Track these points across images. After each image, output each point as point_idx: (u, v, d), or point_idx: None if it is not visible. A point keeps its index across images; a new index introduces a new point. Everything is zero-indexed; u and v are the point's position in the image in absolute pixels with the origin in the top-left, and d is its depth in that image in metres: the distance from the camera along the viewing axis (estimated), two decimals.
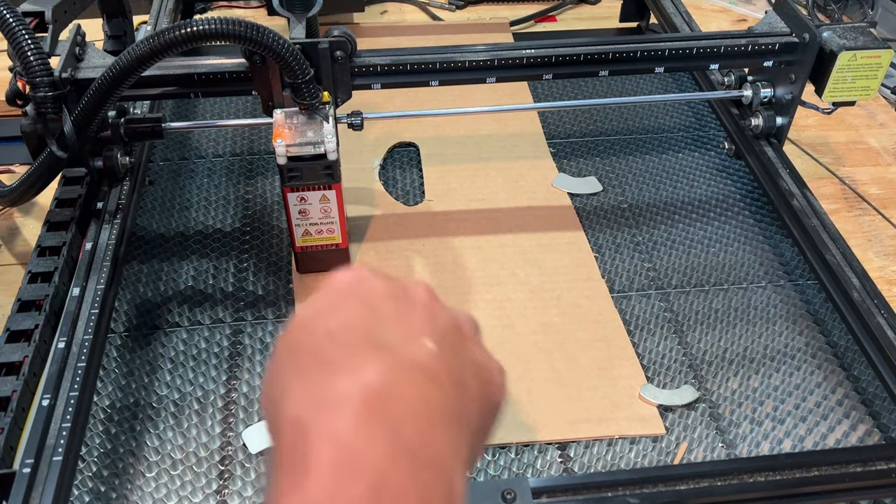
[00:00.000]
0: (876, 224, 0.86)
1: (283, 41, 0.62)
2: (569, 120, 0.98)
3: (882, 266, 0.80)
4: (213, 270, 0.76)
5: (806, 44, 0.76)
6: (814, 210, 0.74)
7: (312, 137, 0.65)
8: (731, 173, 0.89)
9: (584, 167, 0.90)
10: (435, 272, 0.76)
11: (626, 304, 0.74)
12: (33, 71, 0.64)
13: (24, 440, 0.53)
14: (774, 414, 0.64)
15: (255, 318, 0.72)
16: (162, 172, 0.88)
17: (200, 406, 0.64)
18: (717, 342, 0.70)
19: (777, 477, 0.51)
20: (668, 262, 0.78)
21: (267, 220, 0.82)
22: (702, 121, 0.97)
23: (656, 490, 0.51)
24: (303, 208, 0.70)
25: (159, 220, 0.81)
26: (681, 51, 0.75)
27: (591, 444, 0.62)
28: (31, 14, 0.71)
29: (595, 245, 0.80)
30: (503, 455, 0.61)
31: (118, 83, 0.63)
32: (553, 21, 1.21)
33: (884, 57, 0.75)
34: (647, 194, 0.86)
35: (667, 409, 0.65)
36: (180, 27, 0.59)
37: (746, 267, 0.78)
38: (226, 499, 0.58)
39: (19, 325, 0.60)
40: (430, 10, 1.21)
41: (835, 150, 0.96)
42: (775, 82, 0.81)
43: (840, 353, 0.69)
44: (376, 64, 0.72)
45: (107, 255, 0.66)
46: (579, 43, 0.75)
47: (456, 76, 0.74)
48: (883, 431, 0.63)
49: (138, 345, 0.69)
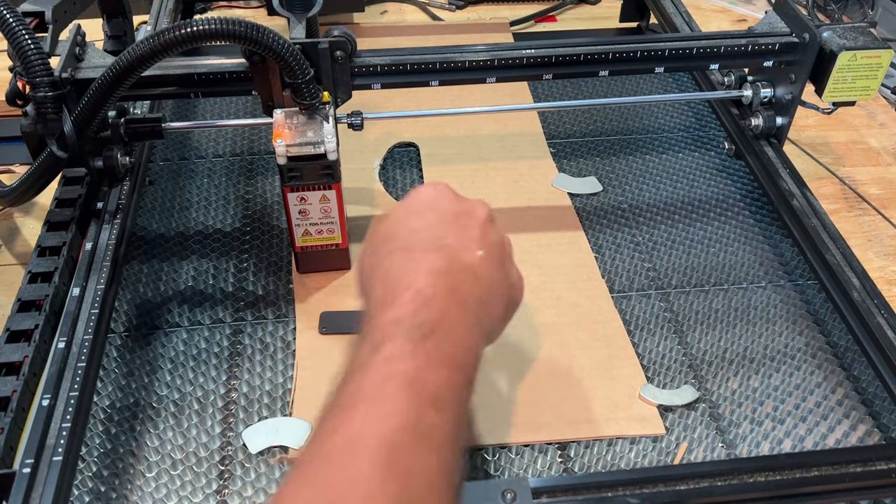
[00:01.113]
0: (876, 224, 0.86)
1: (283, 41, 0.62)
2: (569, 120, 0.98)
3: (882, 266, 0.80)
4: (213, 270, 0.76)
5: (806, 44, 0.76)
6: (814, 210, 0.74)
7: (312, 137, 0.65)
8: (731, 173, 0.89)
9: (584, 167, 0.90)
10: None
11: (626, 304, 0.74)
12: (33, 71, 0.64)
13: (24, 440, 0.53)
14: (774, 414, 0.64)
15: (255, 318, 0.72)
16: (162, 172, 0.88)
17: (200, 406, 0.64)
18: (717, 342, 0.70)
19: (777, 477, 0.51)
20: (668, 262, 0.78)
21: (267, 220, 0.82)
22: (702, 121, 0.97)
23: (656, 490, 0.51)
24: (303, 208, 0.70)
25: (159, 220, 0.81)
26: (681, 51, 0.75)
27: (591, 444, 0.62)
28: (31, 14, 0.71)
29: (595, 245, 0.80)
30: (503, 455, 0.61)
31: (118, 83, 0.63)
32: (553, 21, 1.21)
33: (884, 57, 0.75)
34: (647, 194, 0.86)
35: (667, 409, 0.65)
36: (180, 27, 0.59)
37: (746, 267, 0.78)
38: (226, 499, 0.58)
39: (19, 325, 0.60)
40: (430, 10, 1.21)
41: (835, 150, 0.96)
42: (775, 82, 0.81)
43: (840, 353, 0.69)
44: (376, 64, 0.72)
45: (107, 255, 0.66)
46: (579, 43, 0.75)
47: (456, 76, 0.74)
48: (883, 431, 0.63)
49: (138, 345, 0.69)
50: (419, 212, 0.47)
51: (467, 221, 0.46)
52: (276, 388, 0.66)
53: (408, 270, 0.42)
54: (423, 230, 0.45)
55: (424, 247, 0.44)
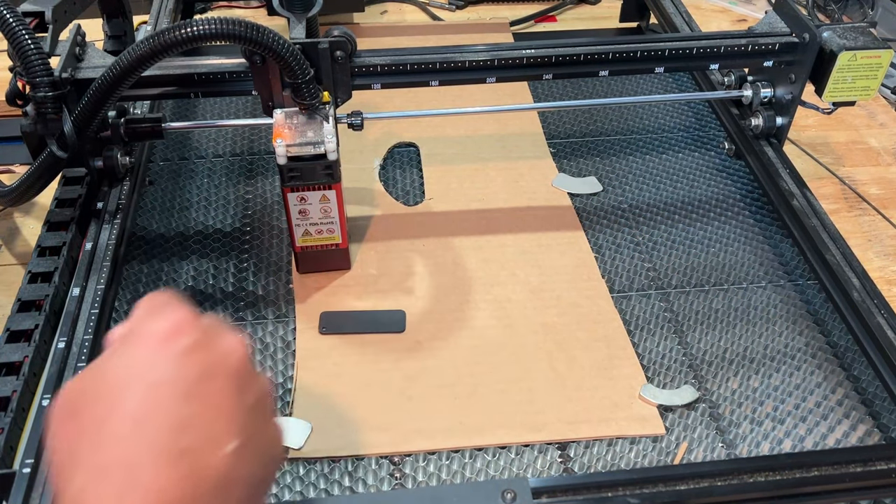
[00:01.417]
0: (876, 224, 0.86)
1: (283, 41, 0.62)
2: (569, 120, 0.98)
3: (882, 266, 0.80)
4: (213, 270, 0.76)
5: (806, 44, 0.76)
6: (814, 210, 0.74)
7: (312, 137, 0.65)
8: (731, 173, 0.89)
9: (584, 167, 0.90)
10: (435, 272, 0.76)
11: (626, 304, 0.74)
12: (33, 71, 0.64)
13: (24, 440, 0.53)
14: (774, 414, 0.64)
15: (255, 318, 0.72)
16: (162, 172, 0.88)
17: None
18: (717, 342, 0.70)
19: (777, 477, 0.51)
20: (668, 262, 0.78)
21: (267, 220, 0.82)
22: (702, 121, 0.97)
23: (656, 490, 0.51)
24: (303, 208, 0.70)
25: (159, 220, 0.81)
26: (681, 51, 0.75)
27: (591, 444, 0.62)
28: (31, 14, 0.71)
29: (595, 245, 0.80)
30: (503, 455, 0.61)
31: (118, 83, 0.63)
32: (553, 21, 1.21)
33: (884, 57, 0.75)
34: (647, 194, 0.86)
35: (667, 409, 0.65)
36: (180, 27, 0.59)
37: (746, 267, 0.78)
38: None
39: (19, 325, 0.60)
40: (430, 10, 1.21)
41: (835, 150, 0.96)
42: (775, 82, 0.81)
43: (840, 353, 0.69)
44: (376, 64, 0.72)
45: (107, 255, 0.66)
46: (579, 43, 0.75)
47: (456, 76, 0.74)
48: (883, 431, 0.63)
49: None
50: (145, 382, 0.30)
51: (214, 387, 0.31)
52: (276, 388, 0.66)
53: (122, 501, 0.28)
54: (149, 421, 0.29)
55: (151, 459, 0.29)
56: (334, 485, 0.59)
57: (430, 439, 0.62)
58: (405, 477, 0.60)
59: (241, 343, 0.33)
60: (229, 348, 0.33)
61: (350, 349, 0.69)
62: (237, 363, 0.33)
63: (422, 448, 0.61)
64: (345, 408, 0.64)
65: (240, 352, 0.33)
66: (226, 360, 0.32)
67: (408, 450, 0.61)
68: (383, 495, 0.57)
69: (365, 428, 0.62)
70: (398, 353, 0.69)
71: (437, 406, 0.64)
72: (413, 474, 0.60)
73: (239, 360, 0.33)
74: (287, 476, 0.59)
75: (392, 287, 0.75)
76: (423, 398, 0.65)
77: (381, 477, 0.60)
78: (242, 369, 0.33)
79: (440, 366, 0.67)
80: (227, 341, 0.33)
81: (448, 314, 0.72)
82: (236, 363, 0.33)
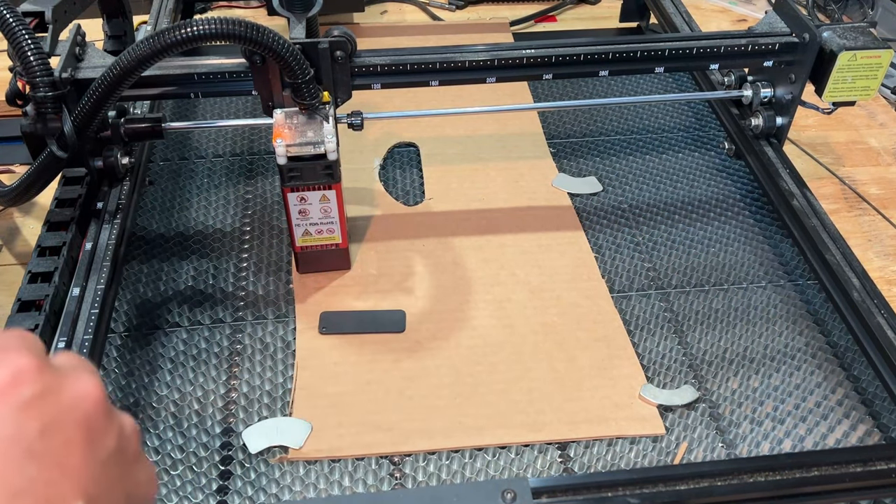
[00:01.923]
0: (876, 224, 0.86)
1: (283, 41, 0.62)
2: (569, 120, 0.98)
3: (882, 266, 0.80)
4: (213, 270, 0.76)
5: (806, 44, 0.76)
6: (814, 210, 0.74)
7: (312, 137, 0.65)
8: (731, 173, 0.89)
9: (584, 167, 0.90)
10: (435, 272, 0.76)
11: (626, 304, 0.74)
12: (33, 71, 0.64)
13: None
14: (774, 414, 0.64)
15: (255, 318, 0.72)
16: (162, 172, 0.88)
17: (200, 406, 0.64)
18: (717, 342, 0.70)
19: (777, 477, 0.51)
20: (668, 262, 0.78)
21: (267, 220, 0.82)
22: (702, 121, 0.97)
23: (656, 490, 0.51)
24: (303, 208, 0.70)
25: (159, 220, 0.81)
26: (681, 51, 0.75)
27: (591, 444, 0.62)
28: (31, 14, 0.71)
29: (595, 245, 0.80)
30: (503, 455, 0.61)
31: (118, 83, 0.63)
32: (553, 21, 1.21)
33: (884, 57, 0.75)
34: (647, 194, 0.86)
35: (667, 409, 0.65)
36: (180, 28, 0.59)
37: (746, 267, 0.78)
38: (226, 499, 0.58)
39: (19, 325, 0.59)
40: (430, 10, 1.21)
41: (835, 150, 0.96)
42: (775, 82, 0.81)
43: (840, 353, 0.69)
44: (376, 64, 0.72)
45: (107, 255, 0.66)
46: (579, 43, 0.75)
47: (456, 76, 0.74)
48: (883, 431, 0.63)
49: (138, 345, 0.69)
50: None
51: (58, 442, 0.27)
52: (276, 388, 0.66)
53: None
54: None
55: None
56: (334, 485, 0.59)
57: (429, 439, 0.62)
58: (405, 477, 0.60)
59: (94, 385, 0.29)
60: (80, 393, 0.29)
61: (350, 349, 0.69)
62: (90, 409, 0.29)
63: (422, 448, 0.61)
64: (345, 408, 0.64)
65: (93, 395, 0.29)
66: (75, 408, 0.28)
67: (408, 450, 0.61)
68: (383, 495, 0.57)
69: (365, 428, 0.62)
70: (398, 352, 0.69)
71: (437, 406, 0.64)
72: (413, 474, 0.60)
73: (92, 405, 0.29)
74: (287, 476, 0.59)
75: (392, 287, 0.75)
76: (423, 398, 0.65)
77: (381, 477, 0.60)
78: (95, 415, 0.29)
79: (440, 366, 0.67)
80: (77, 386, 0.29)
81: (448, 314, 0.72)
82: (88, 409, 0.29)
